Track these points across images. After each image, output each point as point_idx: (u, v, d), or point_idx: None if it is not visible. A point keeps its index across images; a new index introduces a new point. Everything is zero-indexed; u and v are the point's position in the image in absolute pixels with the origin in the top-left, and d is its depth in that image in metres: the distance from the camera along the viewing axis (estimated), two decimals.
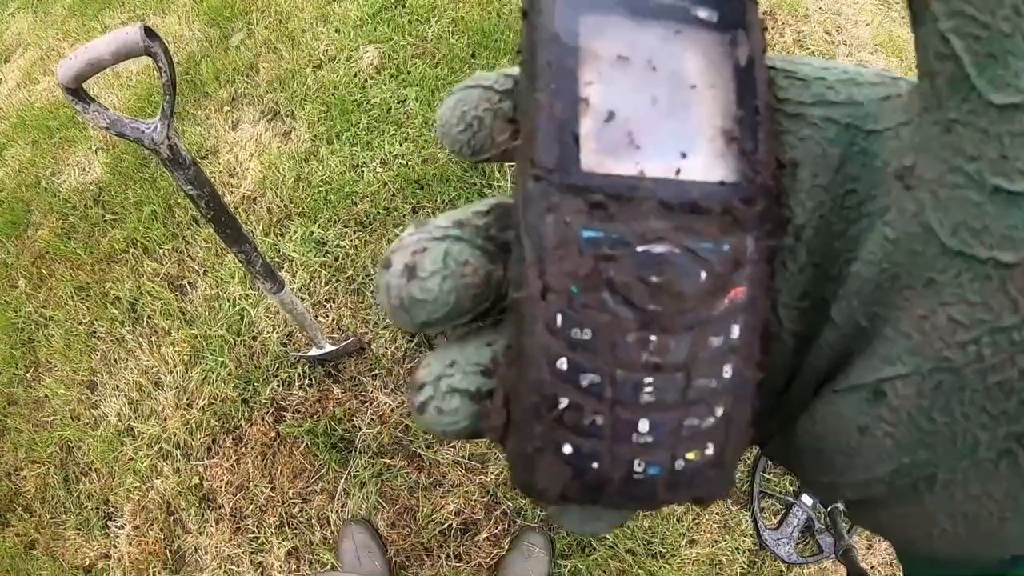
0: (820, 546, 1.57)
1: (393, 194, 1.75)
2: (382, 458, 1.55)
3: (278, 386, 1.63)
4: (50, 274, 1.95)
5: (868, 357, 0.17)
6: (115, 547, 1.65)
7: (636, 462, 0.17)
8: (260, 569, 1.55)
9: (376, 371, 1.60)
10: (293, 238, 1.73)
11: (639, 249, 0.16)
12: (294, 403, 1.61)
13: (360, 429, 1.57)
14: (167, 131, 1.06)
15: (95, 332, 1.84)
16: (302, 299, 1.67)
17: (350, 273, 1.68)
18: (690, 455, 0.17)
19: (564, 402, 0.16)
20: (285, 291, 1.35)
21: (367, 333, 1.63)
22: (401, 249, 0.17)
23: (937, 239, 0.15)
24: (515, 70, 0.19)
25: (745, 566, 1.57)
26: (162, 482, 1.65)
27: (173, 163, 1.09)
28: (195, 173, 1.12)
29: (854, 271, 0.17)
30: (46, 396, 1.83)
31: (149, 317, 1.79)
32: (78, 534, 1.68)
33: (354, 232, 1.72)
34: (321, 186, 1.79)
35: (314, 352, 1.52)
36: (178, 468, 1.66)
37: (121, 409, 1.74)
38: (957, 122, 0.15)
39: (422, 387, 0.18)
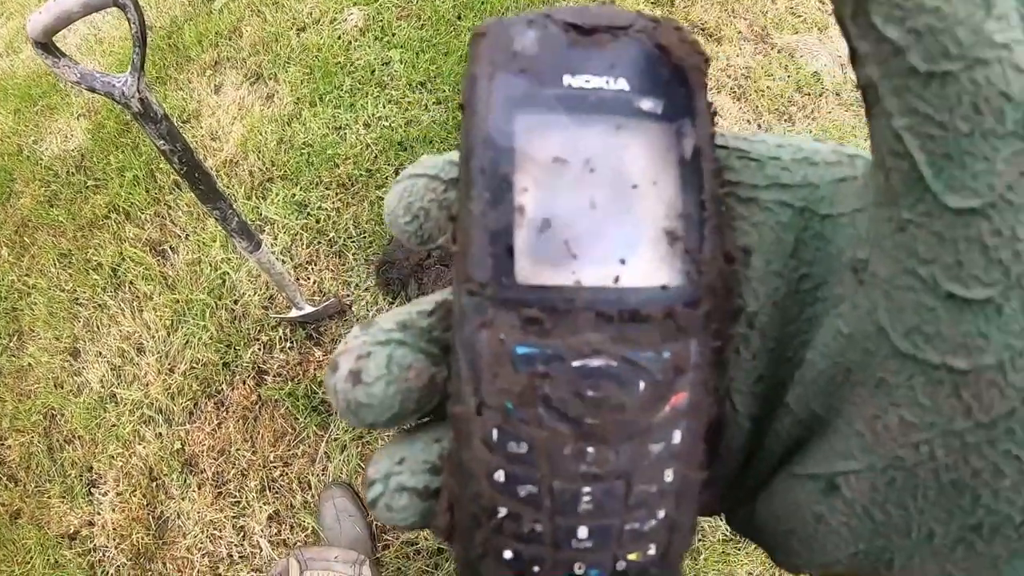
0: None
1: (376, 156, 1.72)
2: None
3: (259, 349, 1.61)
4: (32, 242, 1.93)
5: (822, 447, 0.17)
6: (99, 514, 1.64)
7: (577, 565, 0.17)
8: (242, 533, 1.54)
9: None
10: (275, 201, 1.71)
11: (574, 364, 0.16)
12: (275, 366, 1.59)
13: None
14: (138, 84, 1.03)
15: (77, 299, 1.82)
16: (283, 262, 1.65)
17: (332, 235, 1.66)
18: (632, 556, 0.17)
19: (503, 511, 0.16)
20: (262, 250, 1.32)
21: (348, 295, 1.61)
22: (347, 353, 0.17)
23: (889, 341, 0.15)
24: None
25: (726, 532, 1.55)
26: (144, 448, 1.64)
27: (145, 117, 1.07)
28: (167, 127, 1.10)
29: (809, 359, 0.17)
30: (29, 364, 1.81)
31: (131, 283, 1.77)
32: (62, 502, 1.67)
33: (336, 194, 1.69)
34: (303, 148, 1.76)
35: (294, 314, 1.50)
36: (160, 433, 1.64)
37: (104, 375, 1.73)
38: (911, 222, 0.14)
39: (372, 484, 0.18)
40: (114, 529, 1.61)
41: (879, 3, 0.13)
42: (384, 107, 1.78)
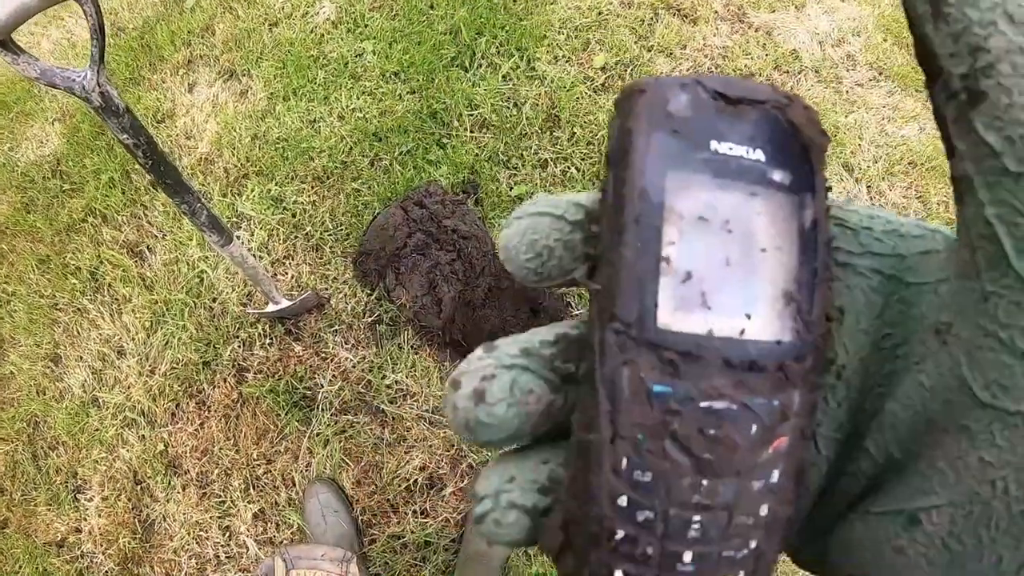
0: None
1: (350, 148, 1.70)
2: (345, 415, 1.51)
3: (239, 347, 1.59)
4: (11, 249, 1.91)
5: (903, 486, 0.19)
6: (85, 520, 1.62)
7: None
8: (228, 533, 1.52)
9: (336, 327, 1.56)
10: (251, 196, 1.69)
11: (702, 405, 0.17)
12: (255, 363, 1.57)
13: (322, 386, 1.53)
14: (97, 78, 1.01)
15: (57, 304, 1.80)
16: (260, 258, 1.63)
17: (308, 229, 1.64)
18: None
19: (621, 533, 0.18)
20: (234, 244, 1.31)
21: (326, 289, 1.59)
22: (470, 373, 0.19)
23: (971, 392, 0.17)
24: (582, 197, 0.20)
25: None
26: (128, 451, 1.62)
27: (106, 111, 1.05)
28: (130, 121, 1.08)
29: (889, 409, 0.19)
30: (11, 372, 1.79)
31: (109, 285, 1.75)
32: (49, 509, 1.66)
33: (311, 188, 1.68)
34: (278, 143, 1.74)
35: (271, 309, 1.48)
36: (143, 436, 1.62)
37: (85, 380, 1.71)
38: (994, 293, 0.16)
39: (482, 499, 0.19)
40: (101, 534, 1.59)
41: (982, 113, 0.15)
42: (358, 99, 1.76)
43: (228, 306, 1.61)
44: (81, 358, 1.73)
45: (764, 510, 0.18)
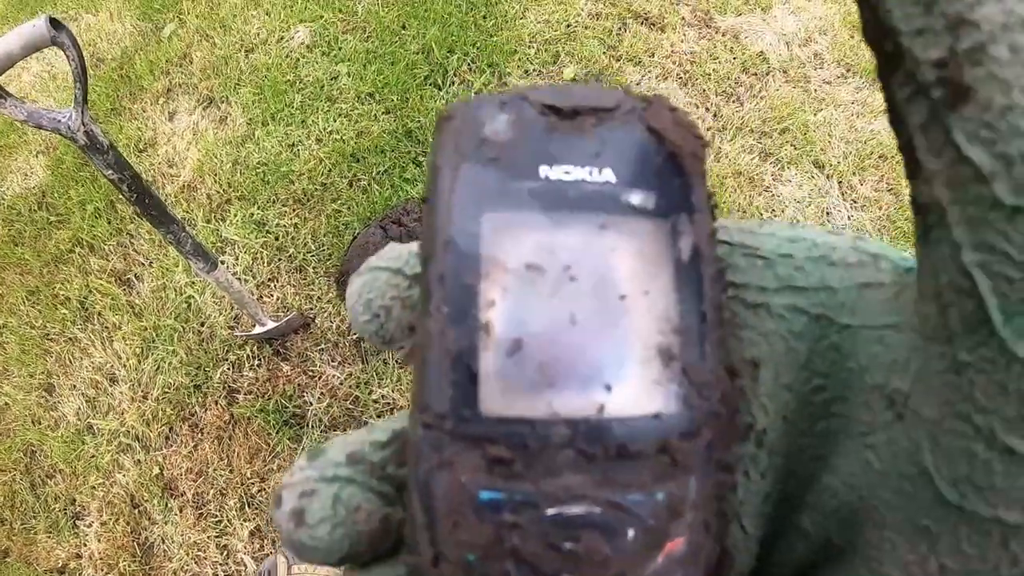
0: None
1: (329, 169, 1.74)
2: (334, 431, 1.55)
3: (228, 369, 1.63)
4: (0, 282, 1.94)
5: None
6: (85, 545, 1.65)
7: None
8: (225, 552, 1.55)
9: (323, 345, 1.60)
10: (234, 221, 1.73)
11: (549, 512, 0.13)
12: (245, 384, 1.61)
13: (311, 404, 1.57)
14: (82, 118, 1.06)
15: (48, 335, 1.83)
16: (245, 281, 1.67)
17: (291, 251, 1.68)
18: None
19: None
20: (219, 270, 1.35)
21: (311, 308, 1.63)
22: (290, 487, 0.16)
23: (933, 487, 0.13)
24: None
25: None
26: (124, 476, 1.65)
27: (91, 149, 1.09)
28: (114, 157, 1.12)
29: (827, 483, 0.16)
30: (6, 403, 1.82)
31: (99, 314, 1.79)
32: (49, 536, 1.69)
33: (293, 210, 1.72)
34: (258, 168, 1.78)
35: (258, 331, 1.52)
36: (139, 460, 1.66)
37: (79, 408, 1.74)
38: (969, 366, 0.13)
39: None
40: (101, 559, 1.63)
41: (964, 119, 0.11)
42: (335, 121, 1.80)
43: (216, 330, 1.65)
44: (74, 386, 1.77)
45: None
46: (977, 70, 0.11)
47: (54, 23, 0.98)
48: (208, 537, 1.56)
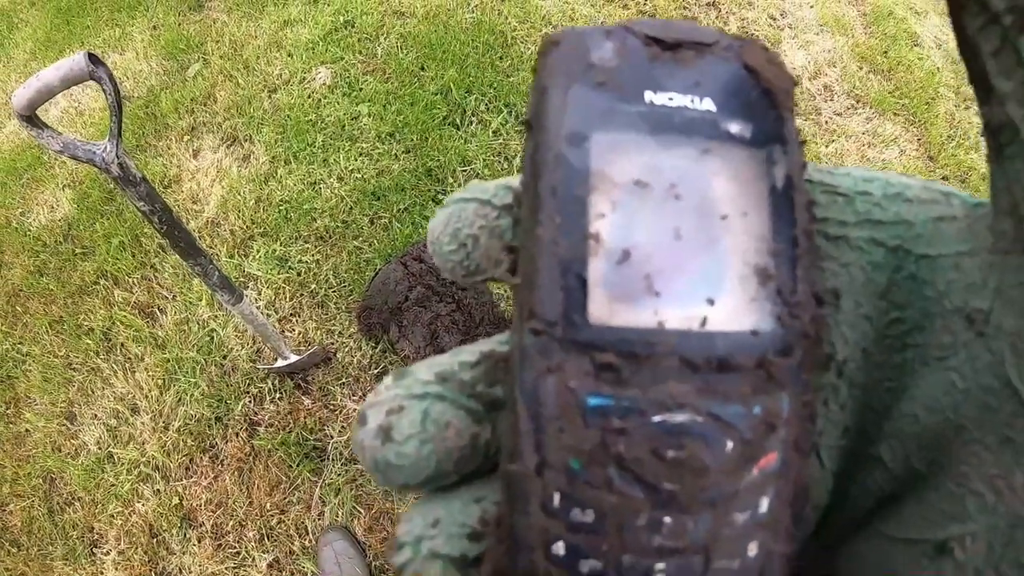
0: None
1: (351, 207, 1.80)
2: (355, 464, 1.58)
3: (250, 402, 1.66)
4: (25, 311, 1.98)
5: (928, 507, 0.16)
6: (102, 574, 1.67)
7: None
8: None
9: (343, 379, 1.64)
10: (257, 257, 1.78)
11: (655, 419, 0.14)
12: (266, 417, 1.65)
13: (332, 437, 1.61)
14: (116, 150, 1.10)
15: (71, 364, 1.87)
16: (268, 315, 1.71)
17: (313, 287, 1.73)
18: None
19: None
20: (244, 302, 1.39)
21: (333, 343, 1.67)
22: (376, 405, 0.16)
23: (1017, 397, 0.14)
24: (515, 181, 0.17)
25: None
26: (143, 505, 1.68)
27: (124, 181, 1.14)
28: (146, 189, 1.17)
29: (907, 411, 0.16)
30: (27, 430, 1.85)
31: (122, 345, 1.83)
32: (66, 563, 1.71)
33: (315, 247, 1.77)
34: (281, 205, 1.83)
35: (280, 364, 1.56)
36: (158, 490, 1.68)
37: (100, 437, 1.77)
38: None
39: (402, 547, 0.16)
40: None
41: None
42: (356, 160, 1.86)
43: (238, 363, 1.69)
44: (96, 415, 1.80)
45: (753, 549, 0.15)
46: None
47: (92, 58, 1.02)
48: (226, 568, 1.59)
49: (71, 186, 2.10)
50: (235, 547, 1.60)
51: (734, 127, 0.15)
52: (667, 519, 0.14)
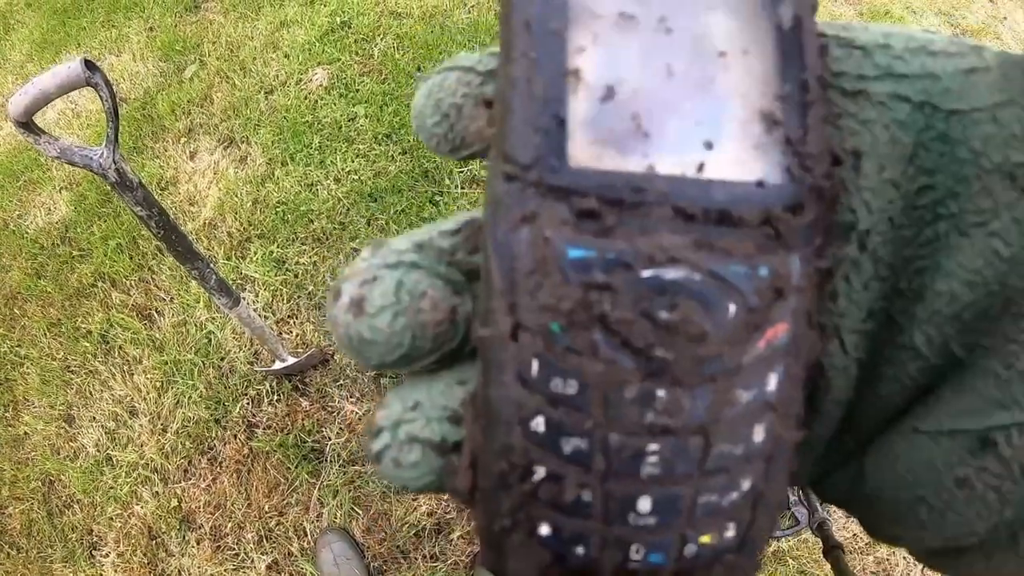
0: (796, 518, 1.57)
1: (348, 209, 1.80)
2: (353, 465, 1.59)
3: (248, 404, 1.67)
4: (23, 313, 1.99)
5: (969, 395, 0.14)
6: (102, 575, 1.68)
7: (634, 548, 0.13)
8: None
9: (341, 381, 1.64)
10: (254, 259, 1.78)
11: (645, 274, 0.12)
12: (264, 419, 1.65)
13: (329, 439, 1.61)
14: (113, 156, 1.10)
15: (69, 366, 1.87)
16: (265, 318, 1.71)
17: (310, 289, 1.73)
18: (704, 538, 0.13)
19: (540, 472, 0.13)
20: (242, 305, 1.39)
21: (330, 345, 1.67)
22: (351, 278, 0.14)
23: None
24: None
25: None
26: (142, 507, 1.68)
27: (121, 186, 1.14)
28: (143, 194, 1.17)
29: (944, 290, 0.14)
30: (25, 433, 1.86)
31: (120, 347, 1.83)
32: (65, 566, 1.71)
33: (312, 249, 1.77)
34: (278, 207, 1.83)
35: (278, 366, 1.57)
36: (157, 492, 1.69)
37: (99, 439, 1.78)
38: None
39: (379, 433, 0.15)
40: None
41: None
42: (353, 161, 1.86)
43: (236, 365, 1.69)
44: (94, 418, 1.80)
45: (760, 434, 0.13)
46: None
47: (89, 65, 1.02)
48: (225, 570, 1.59)
49: (68, 188, 2.10)
50: (234, 549, 1.60)
51: None
52: (660, 392, 0.13)
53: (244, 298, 1.73)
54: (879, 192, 0.15)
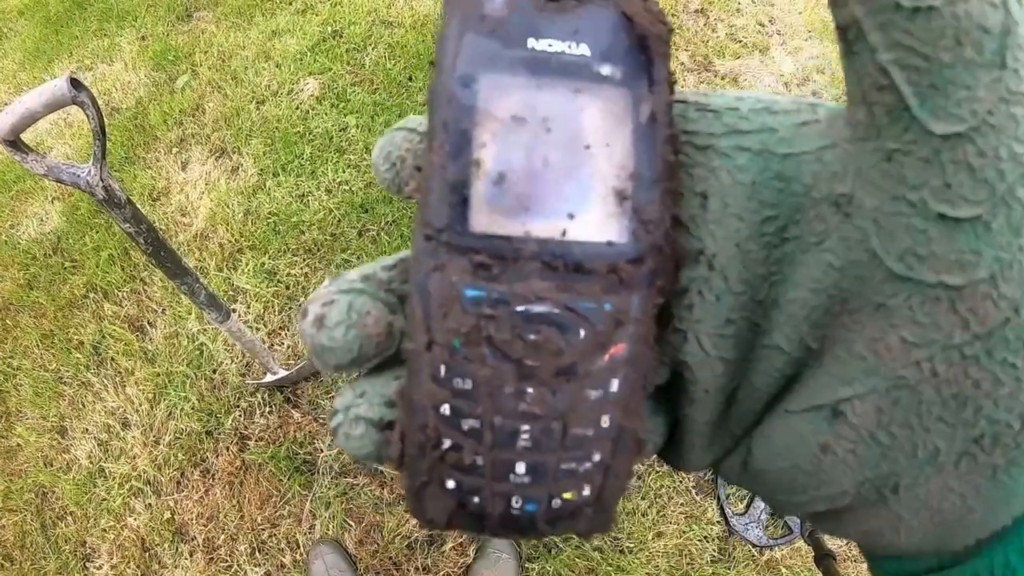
0: (789, 527, 1.58)
1: (339, 220, 1.80)
2: (345, 477, 1.59)
3: (240, 415, 1.67)
4: (15, 324, 1.98)
5: (822, 378, 0.18)
6: None
7: (514, 499, 0.18)
8: None
9: (333, 393, 1.64)
10: (245, 270, 1.78)
11: (519, 308, 0.17)
12: (256, 431, 1.65)
13: (321, 451, 1.61)
14: (100, 173, 1.10)
15: (61, 378, 1.87)
16: (257, 329, 1.71)
17: (302, 300, 1.73)
18: (567, 495, 0.18)
19: (447, 443, 0.18)
20: (232, 320, 1.39)
21: None
22: (315, 300, 0.19)
23: (884, 266, 0.16)
24: None
25: (715, 553, 1.61)
26: (135, 519, 1.68)
27: (109, 203, 1.13)
28: (131, 211, 1.16)
29: (793, 297, 0.18)
30: (18, 444, 1.85)
31: (112, 359, 1.83)
32: None
33: (303, 260, 1.77)
34: (270, 218, 1.83)
35: (269, 379, 1.56)
36: (150, 504, 1.69)
37: (91, 451, 1.78)
38: (898, 151, 0.15)
39: (335, 414, 0.20)
40: None
41: None
42: (344, 172, 1.86)
43: (228, 377, 1.69)
44: (87, 430, 1.80)
45: (606, 421, 0.18)
46: None
47: (75, 83, 1.01)
48: None
49: (60, 199, 2.10)
50: (227, 560, 1.60)
51: (605, 69, 0.17)
52: (529, 389, 0.17)
53: (235, 310, 1.73)
54: (723, 223, 0.18)
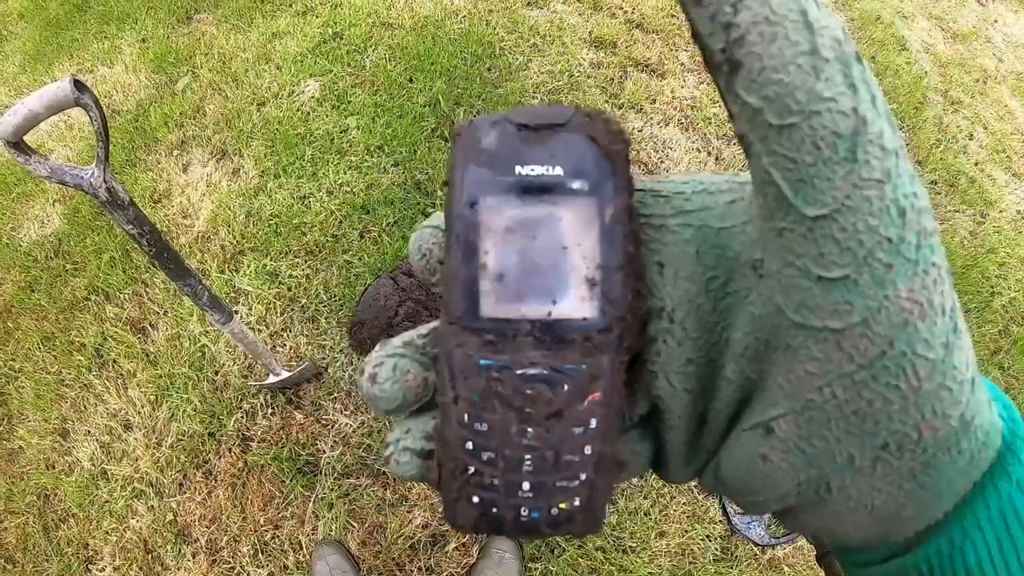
0: None
1: (340, 221, 1.80)
2: (347, 478, 1.59)
3: (242, 417, 1.67)
4: (16, 327, 1.98)
5: (759, 402, 0.22)
6: None
7: (522, 509, 0.24)
8: None
9: (335, 394, 1.64)
10: (247, 272, 1.78)
11: (518, 372, 0.22)
12: (259, 432, 1.65)
13: (324, 452, 1.61)
14: (103, 175, 1.10)
15: (63, 380, 1.87)
16: (259, 331, 1.71)
17: (303, 302, 1.73)
18: (562, 505, 0.24)
19: (472, 469, 0.23)
20: (234, 322, 1.39)
21: (324, 358, 1.67)
22: (369, 362, 0.25)
23: (786, 315, 0.20)
24: None
25: (718, 552, 1.61)
26: (138, 521, 1.68)
27: (112, 205, 1.13)
28: (134, 213, 1.16)
29: (735, 339, 0.22)
30: (20, 447, 1.85)
31: (114, 361, 1.83)
32: None
33: (305, 262, 1.77)
34: (271, 219, 1.83)
35: (272, 380, 1.56)
36: (152, 506, 1.69)
37: (94, 453, 1.77)
38: (785, 229, 0.19)
39: (388, 445, 0.25)
40: None
41: (740, 79, 0.18)
42: (345, 173, 1.86)
43: (230, 378, 1.69)
44: (89, 432, 1.80)
45: (588, 449, 0.23)
46: (742, 50, 0.18)
47: (78, 85, 1.01)
48: None
49: (61, 201, 2.10)
50: (230, 562, 1.60)
51: (576, 184, 0.22)
52: (529, 429, 0.23)
53: (238, 312, 1.73)
54: (677, 285, 0.23)
